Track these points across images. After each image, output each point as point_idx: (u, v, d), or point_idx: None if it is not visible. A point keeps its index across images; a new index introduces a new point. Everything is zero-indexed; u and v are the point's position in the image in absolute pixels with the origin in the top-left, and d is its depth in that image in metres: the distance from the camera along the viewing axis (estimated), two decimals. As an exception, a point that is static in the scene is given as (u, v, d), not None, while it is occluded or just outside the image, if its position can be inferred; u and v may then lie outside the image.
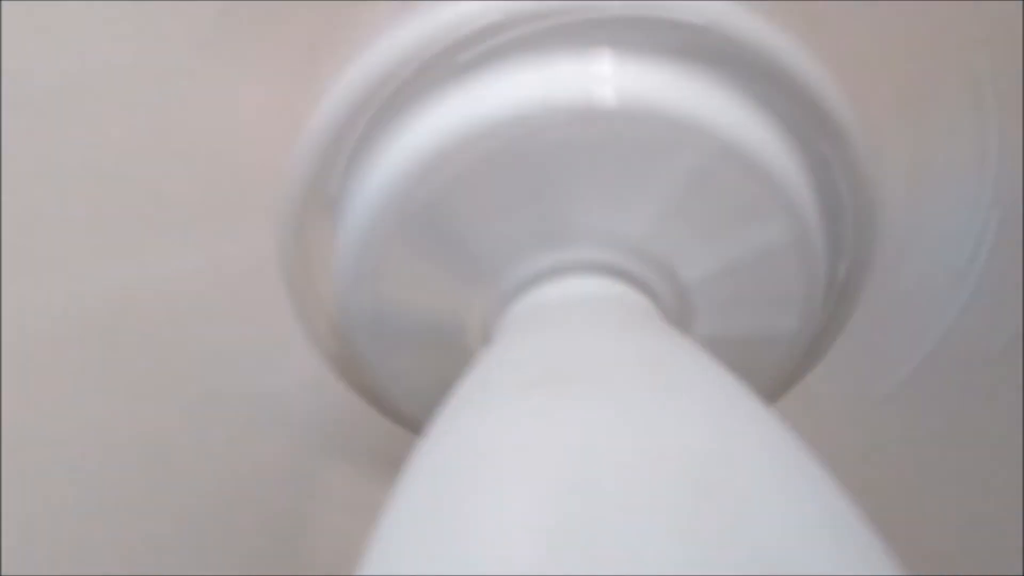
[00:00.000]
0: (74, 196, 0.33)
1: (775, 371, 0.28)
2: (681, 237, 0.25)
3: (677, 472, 0.16)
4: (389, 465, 0.23)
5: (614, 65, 0.24)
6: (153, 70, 0.26)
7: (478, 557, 0.16)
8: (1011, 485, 0.39)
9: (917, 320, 0.30)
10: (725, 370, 0.21)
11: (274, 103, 0.26)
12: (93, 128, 0.28)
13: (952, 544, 0.41)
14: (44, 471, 0.35)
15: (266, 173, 0.26)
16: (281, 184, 0.26)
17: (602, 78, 0.24)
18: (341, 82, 0.24)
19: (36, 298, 0.34)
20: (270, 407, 0.30)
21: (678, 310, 0.26)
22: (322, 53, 0.24)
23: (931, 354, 0.30)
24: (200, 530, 0.37)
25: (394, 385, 0.27)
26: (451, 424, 0.20)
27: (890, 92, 0.26)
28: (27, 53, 0.27)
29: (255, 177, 0.26)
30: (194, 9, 0.24)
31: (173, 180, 0.29)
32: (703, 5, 0.24)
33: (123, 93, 0.27)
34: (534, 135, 0.24)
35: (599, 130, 0.24)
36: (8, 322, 0.31)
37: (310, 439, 0.31)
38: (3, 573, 0.64)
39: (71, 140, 0.28)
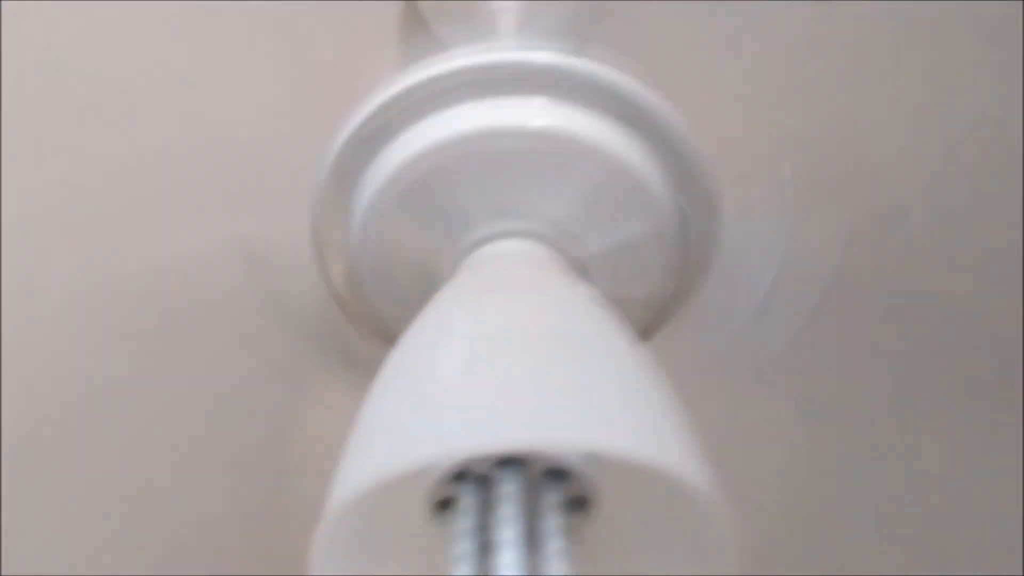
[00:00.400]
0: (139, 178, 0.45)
1: (641, 319, 0.41)
2: (587, 223, 0.38)
3: (538, 334, 0.29)
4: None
5: (544, 104, 0.37)
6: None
7: (433, 372, 0.29)
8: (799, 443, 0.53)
9: (739, 296, 0.43)
10: (588, 293, 0.34)
11: (308, 121, 0.39)
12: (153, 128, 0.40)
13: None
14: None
15: (305, 165, 0.38)
16: (316, 172, 0.38)
17: (535, 111, 0.37)
18: (364, 105, 0.37)
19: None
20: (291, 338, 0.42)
21: (579, 264, 0.39)
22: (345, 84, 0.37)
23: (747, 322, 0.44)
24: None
25: (387, 312, 0.39)
26: (423, 317, 0.33)
27: (726, 136, 0.40)
28: (84, 54, 0.39)
29: (297, 166, 0.39)
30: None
31: (228, 168, 0.41)
32: (604, 72, 0.37)
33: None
34: (490, 145, 0.37)
35: (531, 144, 0.37)
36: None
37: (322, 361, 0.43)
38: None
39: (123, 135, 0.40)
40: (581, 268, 0.39)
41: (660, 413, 0.30)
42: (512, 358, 0.29)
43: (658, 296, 0.40)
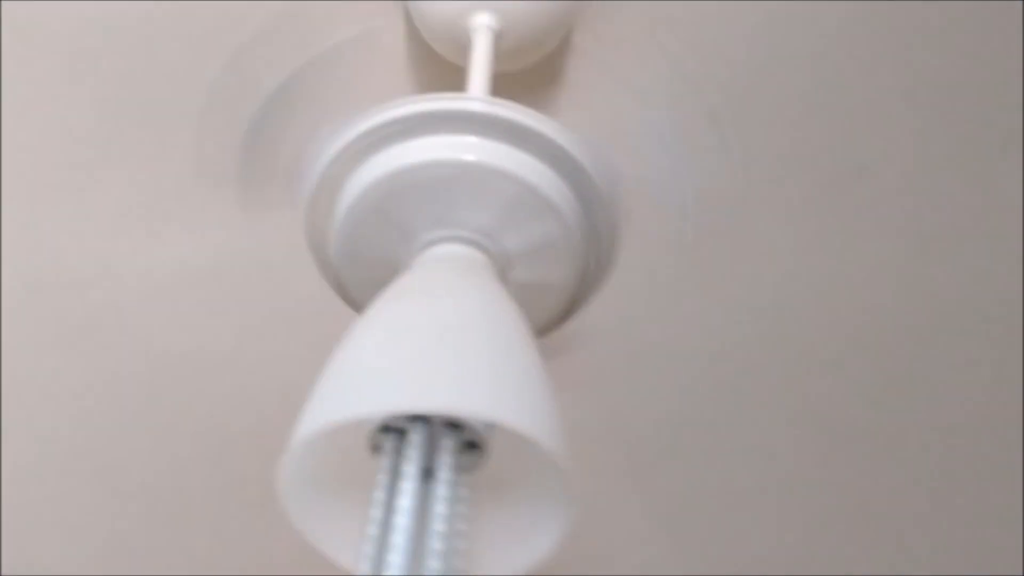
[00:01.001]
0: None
1: (557, 306, 0.53)
2: (505, 226, 0.50)
3: (440, 328, 0.42)
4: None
5: (474, 141, 0.49)
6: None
7: (360, 352, 0.41)
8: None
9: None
10: (502, 294, 0.46)
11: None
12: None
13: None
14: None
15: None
16: (307, 187, 0.51)
17: (468, 147, 0.48)
18: (339, 140, 0.49)
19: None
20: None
21: (503, 264, 0.50)
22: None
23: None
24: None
25: (357, 290, 0.52)
26: (366, 312, 0.45)
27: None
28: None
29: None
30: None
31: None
32: (524, 113, 0.49)
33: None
34: (433, 172, 0.48)
35: (464, 172, 0.48)
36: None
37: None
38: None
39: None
40: (505, 263, 0.51)
41: (524, 386, 0.42)
42: (410, 346, 0.42)
43: (568, 285, 0.52)
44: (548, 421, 0.42)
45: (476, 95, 0.52)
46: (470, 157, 0.48)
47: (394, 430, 0.43)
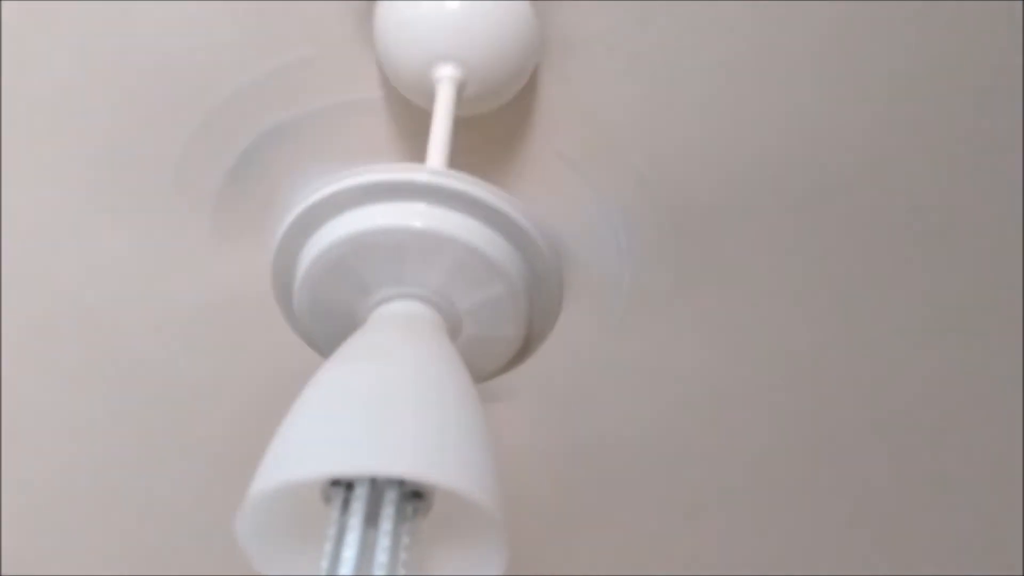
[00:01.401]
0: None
1: (504, 357, 0.57)
2: (454, 286, 0.54)
3: (383, 392, 0.46)
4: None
5: (423, 208, 0.53)
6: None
7: (308, 418, 0.46)
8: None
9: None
10: (445, 354, 0.50)
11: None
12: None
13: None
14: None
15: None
16: (272, 249, 0.55)
17: (417, 213, 0.53)
18: (298, 209, 0.53)
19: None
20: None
21: (454, 321, 0.55)
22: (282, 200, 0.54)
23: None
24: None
25: (321, 340, 0.57)
26: (326, 367, 0.50)
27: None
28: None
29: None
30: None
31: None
32: (469, 182, 0.53)
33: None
34: (385, 237, 0.53)
35: (415, 237, 0.53)
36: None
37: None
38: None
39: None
40: (455, 320, 0.55)
41: (461, 446, 0.47)
42: (354, 410, 0.46)
43: (518, 337, 0.57)
44: (483, 478, 0.46)
45: (427, 165, 0.57)
46: (418, 224, 0.53)
47: (342, 483, 0.48)
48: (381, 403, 0.47)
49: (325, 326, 0.56)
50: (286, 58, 0.66)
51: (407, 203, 0.53)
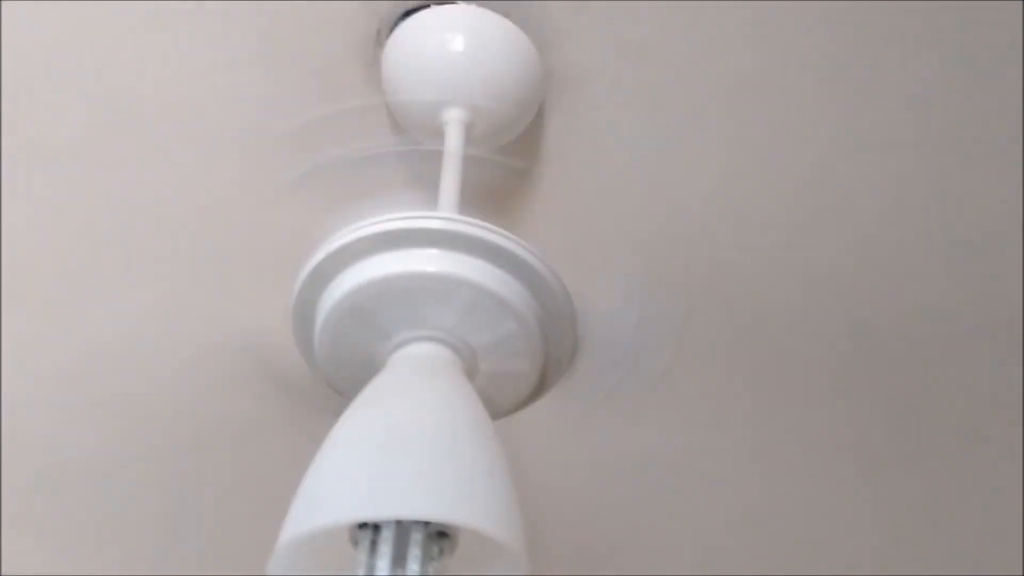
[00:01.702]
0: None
1: (520, 394, 0.59)
2: (469, 327, 0.55)
3: (405, 436, 0.47)
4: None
5: (436, 254, 0.54)
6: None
7: (333, 465, 0.48)
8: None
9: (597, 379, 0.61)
10: (464, 393, 0.52)
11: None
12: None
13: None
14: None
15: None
16: (289, 297, 0.57)
17: (430, 258, 0.54)
18: (314, 259, 0.55)
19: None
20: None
21: (470, 359, 0.56)
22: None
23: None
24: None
25: (343, 384, 0.58)
26: (349, 412, 0.51)
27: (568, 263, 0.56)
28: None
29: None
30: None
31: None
32: (486, 229, 0.54)
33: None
34: (400, 283, 0.54)
35: (429, 282, 0.54)
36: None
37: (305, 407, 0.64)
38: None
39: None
40: (472, 359, 0.57)
41: (483, 485, 0.48)
42: (377, 455, 0.48)
43: (534, 372, 0.58)
44: (506, 517, 0.47)
45: (439, 212, 0.58)
46: (431, 268, 0.54)
47: (369, 525, 0.49)
48: (404, 446, 0.48)
49: (346, 371, 0.58)
50: (296, 113, 0.68)
51: (421, 249, 0.55)
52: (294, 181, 0.70)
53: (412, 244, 0.54)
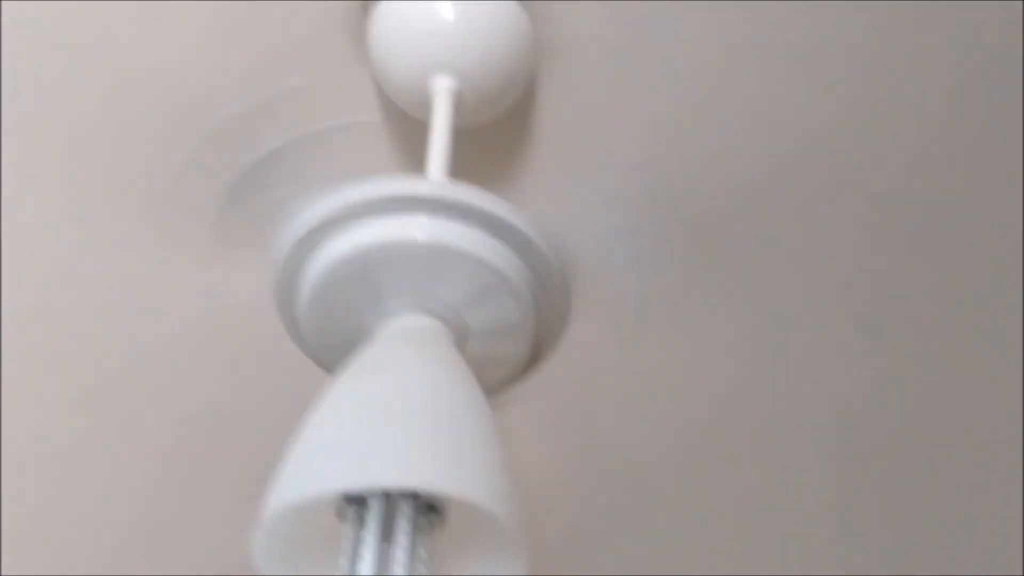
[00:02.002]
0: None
1: (509, 374, 0.57)
2: (460, 299, 0.54)
3: (393, 405, 0.46)
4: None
5: (427, 219, 0.53)
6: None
7: (318, 435, 0.46)
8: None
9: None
10: (455, 365, 0.50)
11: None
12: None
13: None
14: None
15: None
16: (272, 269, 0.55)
17: (419, 226, 0.53)
18: (298, 226, 0.53)
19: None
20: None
21: (460, 333, 0.55)
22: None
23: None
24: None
25: (327, 357, 0.57)
26: (336, 382, 0.50)
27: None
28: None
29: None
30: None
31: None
32: (477, 195, 0.52)
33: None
34: (388, 251, 0.53)
35: (418, 250, 0.53)
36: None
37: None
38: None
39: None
40: (463, 331, 0.55)
41: (473, 457, 0.47)
42: (364, 424, 0.46)
43: (527, 344, 0.56)
44: (497, 489, 0.46)
45: (428, 177, 0.56)
46: (420, 237, 0.53)
47: (356, 500, 0.47)
48: (392, 416, 0.46)
49: (331, 343, 0.56)
50: (282, 80, 0.66)
51: (409, 216, 0.53)
52: (274, 153, 0.68)
53: (401, 211, 0.53)
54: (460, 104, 0.65)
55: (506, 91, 0.68)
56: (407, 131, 0.71)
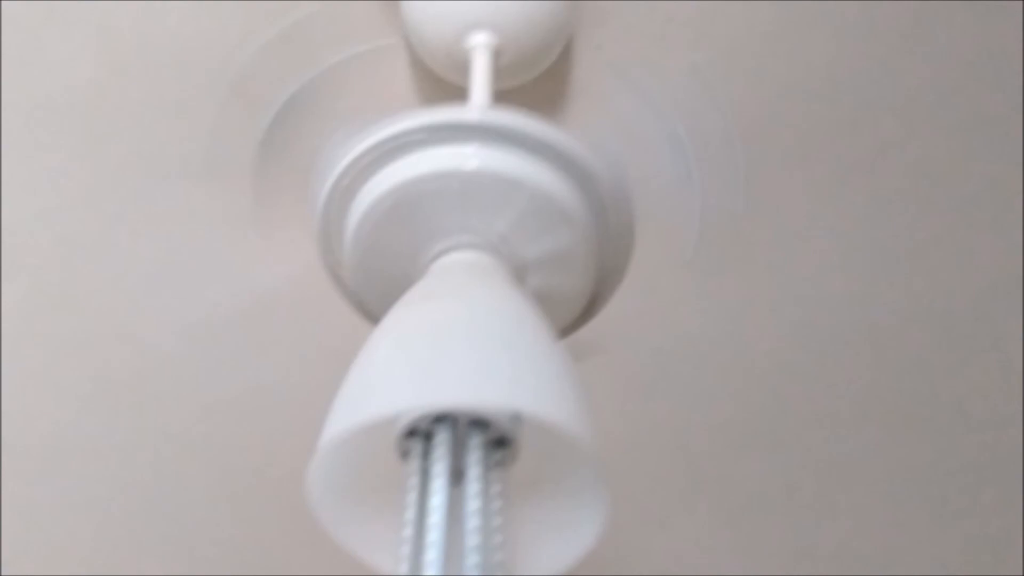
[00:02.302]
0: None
1: (570, 315, 0.53)
2: (518, 232, 0.50)
3: (458, 325, 0.42)
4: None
5: (476, 148, 0.49)
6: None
7: (378, 359, 0.42)
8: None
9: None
10: (519, 294, 0.46)
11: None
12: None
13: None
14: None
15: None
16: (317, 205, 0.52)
17: (469, 155, 0.49)
18: (341, 163, 0.50)
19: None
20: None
21: (519, 269, 0.51)
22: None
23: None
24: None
25: (376, 303, 0.53)
26: (394, 310, 0.46)
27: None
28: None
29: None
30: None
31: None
32: (521, 118, 0.49)
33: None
34: (437, 183, 0.49)
35: (469, 181, 0.49)
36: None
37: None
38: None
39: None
40: (521, 268, 0.51)
41: (547, 377, 0.43)
42: (427, 345, 0.42)
43: (590, 281, 0.53)
44: (573, 409, 0.42)
45: (476, 105, 0.53)
46: (471, 166, 0.49)
47: (420, 434, 0.43)
48: (458, 335, 0.43)
49: (380, 287, 0.52)
50: (318, 60, 0.64)
51: (456, 145, 0.50)
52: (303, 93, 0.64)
53: (447, 141, 0.50)
54: (498, 63, 0.63)
55: (544, 51, 0.66)
56: (444, 100, 0.69)
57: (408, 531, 0.40)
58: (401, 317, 0.45)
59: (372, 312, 0.54)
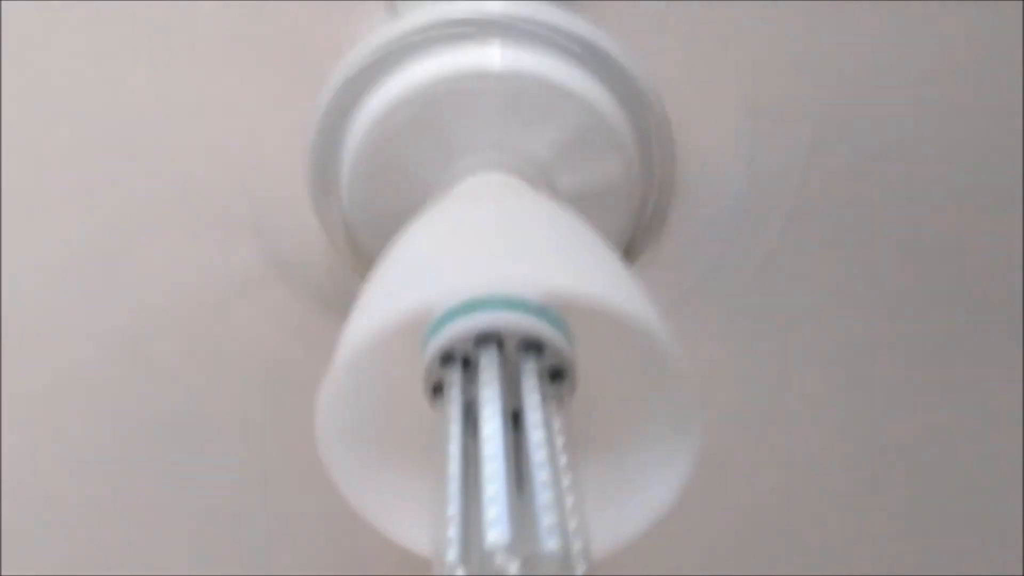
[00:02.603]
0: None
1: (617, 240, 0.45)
2: (551, 154, 0.42)
3: (502, 221, 0.33)
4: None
5: (501, 48, 0.42)
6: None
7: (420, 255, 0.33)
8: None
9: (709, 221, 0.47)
10: (559, 203, 0.38)
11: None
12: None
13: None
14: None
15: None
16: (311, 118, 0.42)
17: (493, 55, 0.41)
18: (350, 56, 0.42)
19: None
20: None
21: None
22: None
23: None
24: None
25: (371, 238, 0.44)
26: (420, 216, 0.37)
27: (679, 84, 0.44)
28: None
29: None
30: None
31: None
32: (563, 16, 0.42)
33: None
34: (457, 86, 0.41)
35: (493, 84, 0.41)
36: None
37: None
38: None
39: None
40: (552, 189, 0.43)
41: (612, 271, 0.34)
42: (468, 238, 0.33)
43: (627, 222, 0.44)
44: (640, 301, 0.33)
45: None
46: (495, 66, 0.41)
47: (457, 358, 0.34)
48: (504, 229, 0.34)
49: (384, 220, 0.43)
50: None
51: (479, 44, 0.42)
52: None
53: (469, 38, 0.42)
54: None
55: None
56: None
57: (453, 468, 0.31)
58: (433, 218, 0.36)
59: (361, 249, 0.44)
